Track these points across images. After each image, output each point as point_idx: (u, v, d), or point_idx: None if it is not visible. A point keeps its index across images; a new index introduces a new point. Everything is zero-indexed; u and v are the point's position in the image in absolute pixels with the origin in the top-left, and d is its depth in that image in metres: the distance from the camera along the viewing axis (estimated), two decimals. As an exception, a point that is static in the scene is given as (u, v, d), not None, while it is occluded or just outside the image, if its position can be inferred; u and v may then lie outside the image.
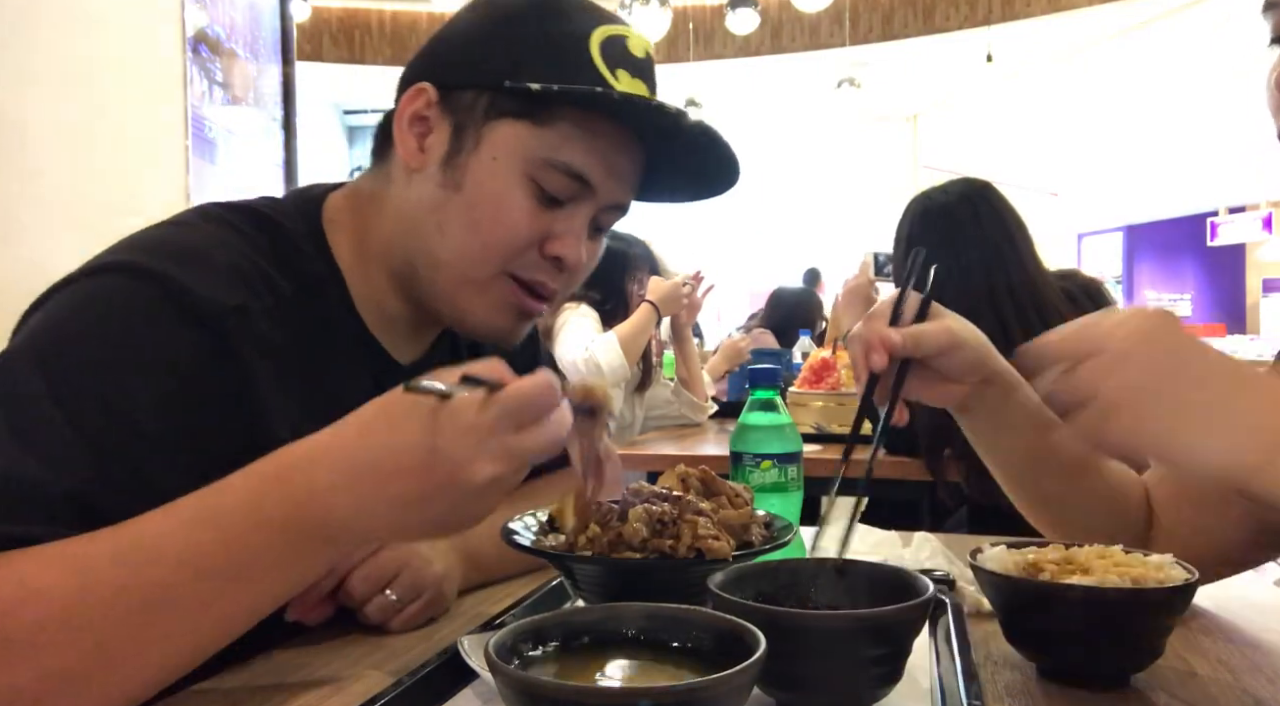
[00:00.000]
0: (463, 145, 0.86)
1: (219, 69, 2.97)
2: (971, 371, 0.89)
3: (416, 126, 0.87)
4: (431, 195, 0.86)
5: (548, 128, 0.84)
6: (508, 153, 0.85)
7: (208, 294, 0.75)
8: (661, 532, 0.76)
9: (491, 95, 0.85)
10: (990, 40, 8.15)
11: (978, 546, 0.81)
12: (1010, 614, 0.76)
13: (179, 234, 0.82)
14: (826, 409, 2.58)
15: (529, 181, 0.85)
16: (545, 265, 0.88)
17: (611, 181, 0.88)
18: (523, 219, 0.85)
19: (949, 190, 2.09)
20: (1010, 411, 0.92)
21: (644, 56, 0.89)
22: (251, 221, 0.86)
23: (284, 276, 0.84)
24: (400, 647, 0.83)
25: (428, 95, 0.87)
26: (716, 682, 0.49)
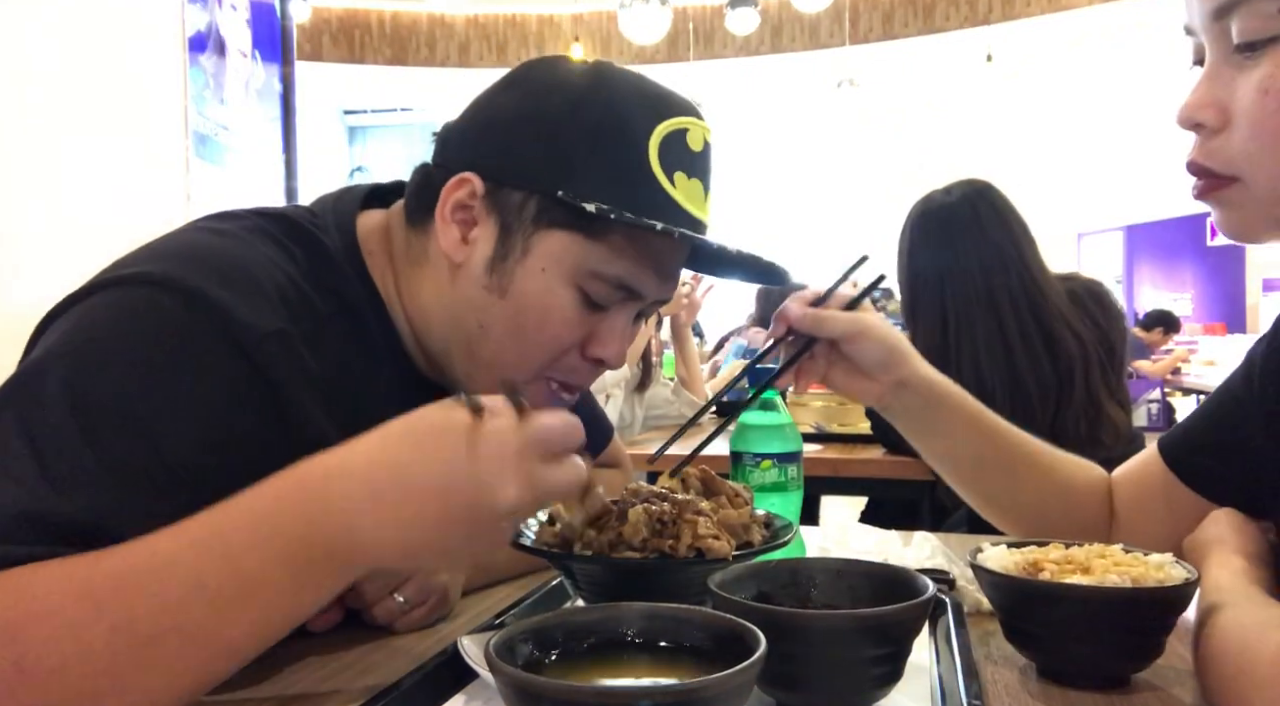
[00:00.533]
0: (509, 250, 0.83)
1: (219, 69, 2.97)
2: (880, 368, 0.94)
3: (459, 214, 0.84)
4: (475, 296, 0.84)
5: (600, 242, 0.82)
6: (557, 264, 0.82)
7: (248, 319, 0.72)
8: (661, 532, 0.76)
9: (541, 200, 0.81)
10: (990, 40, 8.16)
11: (978, 546, 0.81)
12: (1010, 613, 0.76)
13: (215, 243, 0.79)
14: (826, 409, 2.59)
15: (576, 290, 0.83)
16: (584, 366, 0.87)
17: (658, 285, 0.87)
18: (567, 329, 0.84)
19: (951, 191, 2.08)
20: (935, 418, 0.98)
21: (702, 149, 0.86)
22: (290, 234, 0.83)
23: (321, 296, 0.81)
24: (400, 647, 0.83)
25: (473, 187, 0.83)
26: (716, 682, 0.49)
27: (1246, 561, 0.75)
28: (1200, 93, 0.72)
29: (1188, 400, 7.02)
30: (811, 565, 0.76)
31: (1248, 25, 0.68)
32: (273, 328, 0.74)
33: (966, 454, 1.01)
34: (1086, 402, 1.95)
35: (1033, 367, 1.93)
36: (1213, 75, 0.72)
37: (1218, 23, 0.70)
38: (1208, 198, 0.74)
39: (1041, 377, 1.93)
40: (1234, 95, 0.70)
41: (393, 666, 0.77)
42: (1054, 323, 1.95)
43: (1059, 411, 1.95)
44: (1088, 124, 9.77)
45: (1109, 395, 1.99)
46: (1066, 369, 1.94)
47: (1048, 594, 0.72)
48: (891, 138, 10.41)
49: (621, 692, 0.51)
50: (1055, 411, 1.94)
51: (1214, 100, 0.71)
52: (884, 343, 0.93)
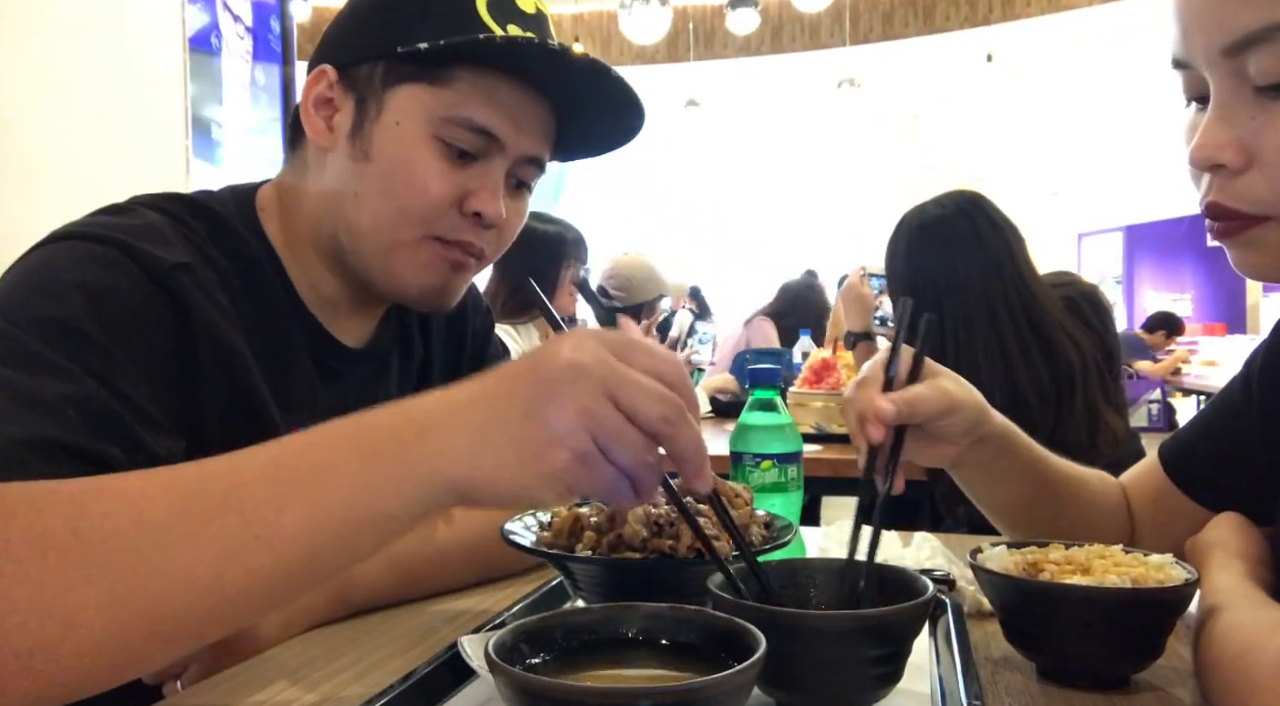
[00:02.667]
0: (366, 116, 0.88)
1: (219, 69, 2.97)
2: (966, 433, 0.88)
3: (323, 109, 0.90)
4: (344, 169, 0.89)
5: (445, 87, 0.86)
6: (410, 116, 0.87)
7: (155, 252, 0.79)
8: (661, 533, 0.76)
9: (386, 63, 0.88)
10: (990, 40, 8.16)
11: (978, 546, 0.81)
12: (1010, 614, 0.76)
13: (123, 218, 0.84)
14: (826, 409, 2.58)
15: (436, 141, 0.87)
16: (467, 224, 0.90)
17: (519, 134, 0.90)
18: (434, 179, 0.87)
19: (944, 203, 2.08)
20: (1003, 468, 0.95)
21: (534, 12, 0.91)
22: (186, 207, 0.88)
23: (222, 255, 0.86)
24: (400, 647, 0.83)
25: (328, 77, 0.90)
26: (716, 682, 0.49)
27: (1248, 563, 0.75)
28: (1215, 132, 0.67)
29: (1188, 401, 7.03)
30: (812, 565, 0.76)
31: (1267, 66, 0.63)
32: (177, 260, 0.80)
33: (1024, 496, 0.98)
34: (1085, 411, 1.95)
35: (1032, 378, 1.93)
36: (1226, 114, 0.67)
37: (1230, 60, 0.65)
38: (1232, 239, 0.70)
39: (1041, 388, 1.93)
40: (1258, 134, 0.65)
41: (393, 666, 0.77)
42: (1052, 331, 1.95)
43: (1059, 421, 1.94)
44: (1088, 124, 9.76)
45: (1106, 401, 1.99)
46: (1066, 378, 1.94)
47: (1048, 594, 0.72)
48: (892, 138, 10.41)
49: (621, 692, 0.51)
50: (1055, 421, 1.94)
51: (1232, 139, 0.66)
52: (973, 410, 0.87)
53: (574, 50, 0.86)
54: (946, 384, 0.85)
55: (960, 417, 0.86)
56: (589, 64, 0.87)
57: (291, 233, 0.94)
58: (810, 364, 2.74)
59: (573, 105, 0.92)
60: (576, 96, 0.91)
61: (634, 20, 7.13)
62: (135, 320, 0.76)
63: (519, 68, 0.88)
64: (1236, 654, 0.63)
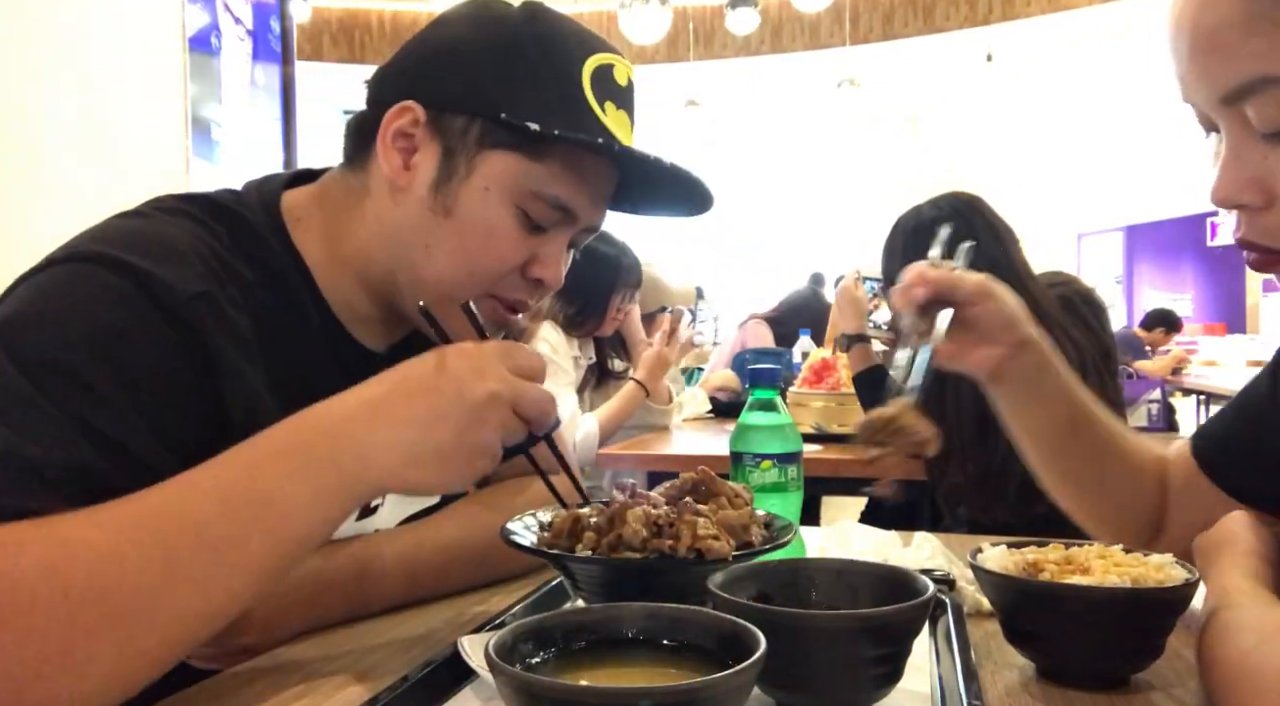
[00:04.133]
0: (453, 172, 0.87)
1: (219, 69, 2.97)
2: (1006, 328, 0.92)
3: (400, 142, 0.88)
4: (419, 217, 0.88)
5: (540, 163, 0.86)
6: (499, 184, 0.86)
7: (171, 282, 0.76)
8: (660, 533, 0.76)
9: (485, 124, 0.86)
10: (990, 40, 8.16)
11: (977, 546, 0.81)
12: (1010, 614, 0.76)
13: (140, 225, 0.82)
14: (826, 409, 2.59)
15: (517, 211, 0.87)
16: (525, 285, 0.92)
17: (593, 209, 0.93)
18: (510, 248, 0.88)
19: (940, 205, 2.08)
20: (1043, 382, 0.95)
21: (627, 85, 0.92)
22: (209, 211, 0.86)
23: (246, 265, 0.84)
24: (400, 647, 0.83)
25: (415, 114, 0.87)
26: (716, 682, 0.49)
27: (1258, 563, 0.75)
28: (1232, 174, 0.67)
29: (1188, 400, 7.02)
30: (811, 565, 0.76)
31: (1265, 113, 0.64)
32: (196, 289, 0.77)
33: (1060, 425, 0.98)
34: None
35: None
36: (1239, 155, 0.67)
37: (1230, 108, 0.66)
38: (1266, 270, 0.72)
39: None
40: (1273, 173, 0.65)
41: (393, 666, 0.77)
42: (1050, 331, 1.95)
43: None
44: (1088, 124, 9.77)
45: (1105, 401, 1.99)
46: None
47: (1048, 594, 0.72)
48: (892, 138, 10.41)
49: (621, 692, 0.51)
50: None
51: (1250, 179, 0.66)
52: (1012, 304, 0.93)
53: (671, 164, 0.89)
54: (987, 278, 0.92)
55: (998, 306, 0.91)
56: (677, 173, 0.90)
57: (333, 249, 0.91)
58: (810, 364, 2.74)
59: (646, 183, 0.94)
60: (652, 179, 0.93)
61: (634, 20, 7.13)
62: (145, 362, 0.73)
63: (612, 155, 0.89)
64: (1241, 654, 0.63)
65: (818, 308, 4.67)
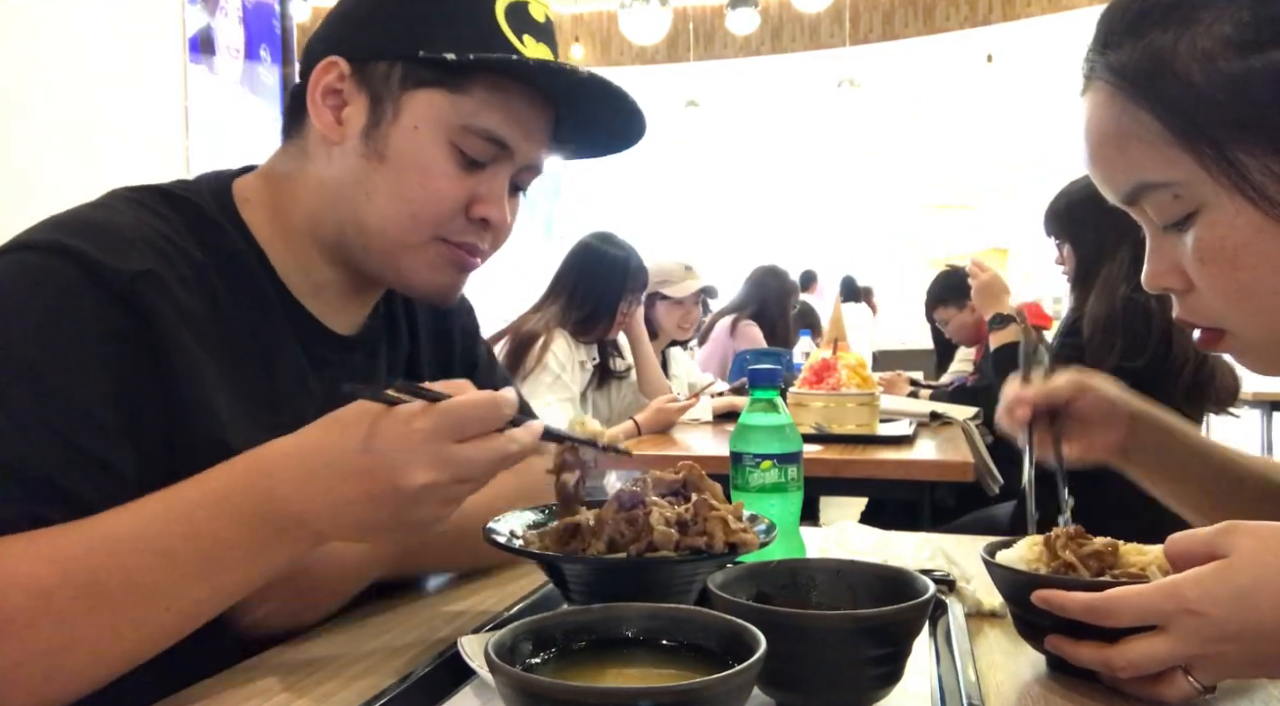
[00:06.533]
0: (382, 116, 0.87)
1: (219, 69, 2.97)
2: (1111, 412, 0.97)
3: (330, 100, 0.89)
4: (355, 166, 0.88)
5: (464, 95, 0.87)
6: (428, 121, 0.87)
7: (111, 263, 0.76)
8: (686, 531, 0.76)
9: (406, 66, 0.87)
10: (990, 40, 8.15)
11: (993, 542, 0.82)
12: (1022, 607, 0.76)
13: (87, 212, 0.83)
14: (827, 409, 2.58)
15: (450, 147, 0.88)
16: (472, 227, 0.92)
17: (528, 143, 0.91)
18: (448, 185, 0.88)
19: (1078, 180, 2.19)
20: (1173, 450, 1.00)
21: (545, 21, 0.92)
22: (163, 200, 0.87)
23: (200, 249, 0.85)
24: (400, 647, 0.83)
25: (340, 69, 0.88)
26: (716, 682, 0.49)
27: None
28: (1155, 262, 0.75)
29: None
30: (811, 565, 0.76)
31: (1155, 215, 0.73)
32: (139, 268, 0.78)
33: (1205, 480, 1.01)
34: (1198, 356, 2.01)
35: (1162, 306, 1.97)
36: (1158, 245, 0.75)
37: (1133, 206, 0.74)
38: (1212, 348, 0.76)
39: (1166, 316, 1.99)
40: (1183, 262, 0.72)
41: (393, 666, 0.77)
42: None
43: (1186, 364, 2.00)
44: (1088, 124, 9.74)
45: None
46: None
47: (1057, 587, 0.72)
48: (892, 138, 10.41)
49: (621, 692, 0.51)
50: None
51: (1170, 266, 0.74)
52: (1106, 387, 0.98)
53: (594, 76, 0.88)
54: (1080, 376, 0.97)
55: (1096, 395, 0.97)
56: (600, 83, 0.89)
57: (283, 221, 0.93)
58: (810, 364, 2.74)
59: (578, 113, 0.94)
60: (581, 105, 0.92)
61: (634, 20, 7.13)
62: (88, 346, 0.74)
63: (536, 81, 0.89)
64: None
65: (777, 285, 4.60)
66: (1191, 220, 0.69)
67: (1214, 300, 0.71)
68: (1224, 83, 0.65)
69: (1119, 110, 0.70)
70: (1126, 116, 0.70)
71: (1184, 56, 0.66)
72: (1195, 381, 2.00)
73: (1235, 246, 0.68)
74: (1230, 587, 0.64)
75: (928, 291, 4.13)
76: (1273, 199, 0.65)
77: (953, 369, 4.25)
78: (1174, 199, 0.70)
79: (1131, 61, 0.69)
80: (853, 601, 0.72)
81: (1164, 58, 0.67)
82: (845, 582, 0.73)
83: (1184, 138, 0.67)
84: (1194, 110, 0.66)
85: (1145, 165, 0.70)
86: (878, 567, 0.75)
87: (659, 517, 0.76)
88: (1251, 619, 0.63)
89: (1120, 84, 0.70)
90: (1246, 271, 0.68)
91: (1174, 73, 0.67)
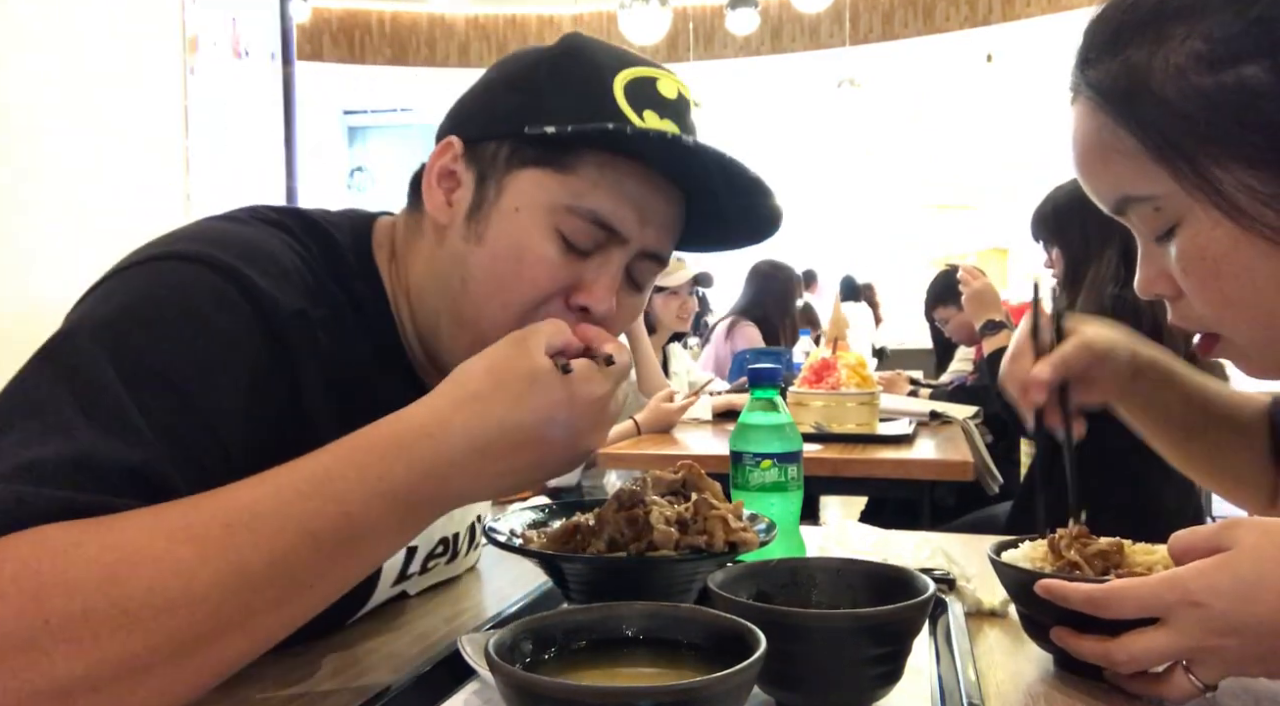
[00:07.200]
0: (485, 197, 0.82)
1: (219, 69, 2.97)
2: (1119, 373, 0.96)
3: (445, 181, 0.84)
4: (456, 251, 0.82)
5: (571, 174, 0.79)
6: (530, 202, 0.80)
7: (274, 295, 0.73)
8: (686, 530, 0.76)
9: (512, 143, 0.81)
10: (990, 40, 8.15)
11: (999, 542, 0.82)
12: (1028, 606, 0.76)
13: (239, 230, 0.79)
14: (827, 409, 2.58)
15: (553, 231, 0.80)
16: (569, 316, 0.81)
17: (644, 229, 0.82)
18: (544, 270, 0.80)
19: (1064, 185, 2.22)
20: (1160, 393, 1.00)
21: (676, 98, 0.84)
22: (304, 227, 0.84)
23: (338, 287, 0.82)
24: (400, 647, 0.83)
25: (454, 149, 0.84)
26: (716, 682, 0.49)
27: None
28: (1146, 269, 0.76)
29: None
30: (811, 565, 0.76)
31: (1141, 225, 0.74)
32: (295, 306, 0.75)
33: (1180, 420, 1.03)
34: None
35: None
36: (1149, 251, 0.76)
37: (1121, 217, 0.75)
38: (1210, 355, 0.77)
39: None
40: (1173, 267, 0.73)
41: (393, 666, 0.77)
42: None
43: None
44: (1088, 124, 9.74)
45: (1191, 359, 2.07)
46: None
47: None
48: (892, 138, 10.40)
49: (621, 692, 0.51)
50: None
51: (1159, 273, 0.75)
52: (1121, 350, 0.96)
53: (711, 149, 0.78)
54: (1090, 334, 0.94)
55: (1110, 362, 0.95)
56: (726, 161, 0.80)
57: (400, 285, 0.88)
58: (810, 364, 2.74)
59: (704, 196, 0.84)
60: (708, 187, 0.83)
61: (634, 20, 7.14)
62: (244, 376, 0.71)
63: (650, 157, 0.81)
64: None
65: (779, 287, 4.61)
66: (1174, 231, 0.71)
67: (1201, 308, 0.73)
68: (1196, 98, 0.66)
69: (1100, 125, 0.72)
70: (1107, 131, 0.71)
71: (1158, 73, 0.67)
72: None
73: (1215, 257, 0.69)
74: (1232, 580, 0.64)
75: (927, 291, 4.14)
76: (1247, 212, 0.66)
77: (952, 368, 4.26)
78: (1155, 211, 0.71)
79: (1109, 78, 0.70)
80: (853, 600, 0.72)
81: (1139, 75, 0.68)
82: (845, 581, 0.73)
83: (1159, 154, 0.68)
84: (1168, 126, 0.67)
85: (1127, 179, 0.71)
86: (878, 566, 0.75)
87: (659, 517, 0.76)
88: (1253, 612, 0.63)
89: (1099, 101, 0.71)
90: (1228, 281, 0.69)
91: (1149, 89, 0.67)
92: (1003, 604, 0.90)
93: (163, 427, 0.65)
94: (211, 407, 0.68)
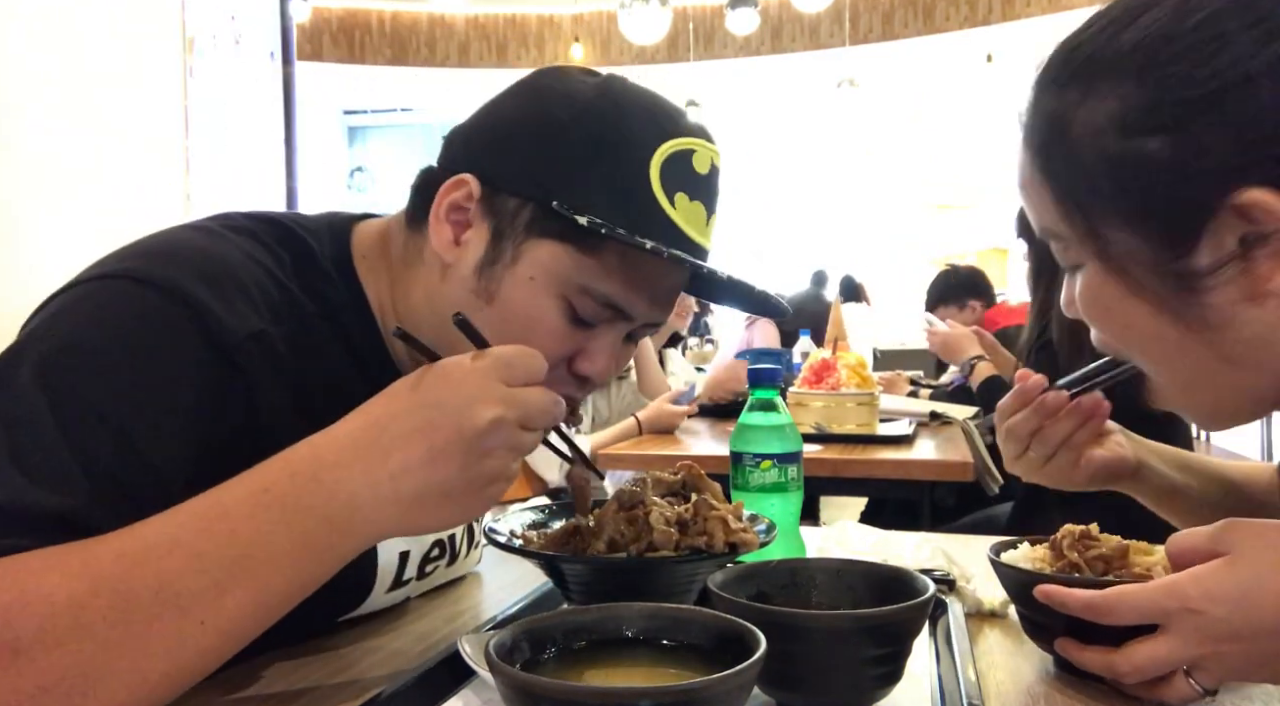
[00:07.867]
0: (500, 255, 0.80)
1: (219, 69, 2.97)
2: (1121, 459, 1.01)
3: (454, 215, 0.82)
4: (463, 299, 0.81)
5: (591, 257, 0.79)
6: (546, 274, 0.80)
7: (228, 320, 0.72)
8: (687, 530, 0.76)
9: (536, 210, 0.80)
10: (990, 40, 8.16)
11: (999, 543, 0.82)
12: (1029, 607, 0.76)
13: (201, 242, 0.78)
14: (827, 409, 2.58)
15: (563, 302, 0.80)
16: (570, 380, 0.84)
17: (650, 309, 0.84)
18: (552, 341, 0.80)
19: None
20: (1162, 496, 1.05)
21: (708, 172, 0.84)
22: (276, 235, 0.82)
23: (309, 297, 0.81)
24: (400, 648, 0.83)
25: (469, 188, 0.81)
26: (716, 682, 0.49)
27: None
28: (1066, 292, 0.78)
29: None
30: (811, 565, 0.76)
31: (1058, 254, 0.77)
32: (253, 328, 0.73)
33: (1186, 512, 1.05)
34: None
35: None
36: (1068, 278, 0.78)
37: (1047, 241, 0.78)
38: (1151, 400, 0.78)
39: None
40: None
41: (393, 666, 0.77)
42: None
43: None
44: (1088, 124, 9.74)
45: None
46: None
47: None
48: (892, 138, 10.41)
49: (621, 692, 0.51)
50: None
51: (1071, 299, 0.77)
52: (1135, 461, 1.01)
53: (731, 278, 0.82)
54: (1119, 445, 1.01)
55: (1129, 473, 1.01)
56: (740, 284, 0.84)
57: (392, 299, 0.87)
58: (810, 364, 2.74)
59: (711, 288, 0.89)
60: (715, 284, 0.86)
61: (634, 20, 7.13)
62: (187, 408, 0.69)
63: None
64: None
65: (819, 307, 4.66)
66: (1078, 270, 0.74)
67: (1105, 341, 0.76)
68: (1103, 162, 0.67)
69: (1028, 159, 0.74)
70: (1031, 168, 0.74)
71: (1077, 127, 0.69)
72: None
73: (1105, 305, 0.72)
74: (1231, 585, 0.64)
75: (928, 291, 4.13)
76: (1133, 276, 0.69)
77: (952, 369, 4.26)
78: (1064, 249, 0.74)
79: (1035, 122, 0.73)
80: (853, 601, 0.72)
81: (1060, 126, 0.70)
82: (845, 582, 0.73)
83: (1062, 206, 0.71)
84: (1073, 182, 0.70)
85: (1044, 215, 0.74)
86: (878, 567, 0.75)
87: (659, 517, 0.77)
88: (1253, 617, 0.63)
89: (1027, 141, 0.74)
90: (1118, 328, 0.73)
91: (1067, 141, 0.69)
92: (1003, 604, 0.90)
93: (99, 470, 0.64)
94: (152, 445, 0.66)
